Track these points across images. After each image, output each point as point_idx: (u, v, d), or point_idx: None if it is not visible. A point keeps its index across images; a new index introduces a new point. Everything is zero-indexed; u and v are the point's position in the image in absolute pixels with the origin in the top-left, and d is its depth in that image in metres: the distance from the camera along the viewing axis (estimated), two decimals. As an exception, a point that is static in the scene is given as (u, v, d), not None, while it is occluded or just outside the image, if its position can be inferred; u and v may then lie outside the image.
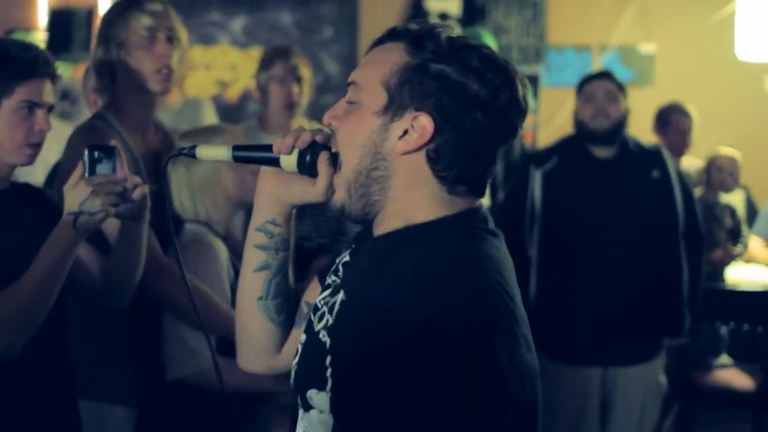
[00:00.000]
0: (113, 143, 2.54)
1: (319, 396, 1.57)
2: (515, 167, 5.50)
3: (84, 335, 2.94)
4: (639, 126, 6.06)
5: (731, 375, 5.52)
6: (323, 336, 1.62)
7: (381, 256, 1.62)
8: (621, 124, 4.27)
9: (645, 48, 7.57)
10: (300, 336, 1.77)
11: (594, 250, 4.22)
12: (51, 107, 2.57)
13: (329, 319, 1.63)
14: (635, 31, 7.53)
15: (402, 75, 1.61)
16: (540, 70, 7.63)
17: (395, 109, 1.62)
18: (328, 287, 1.75)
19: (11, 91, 2.49)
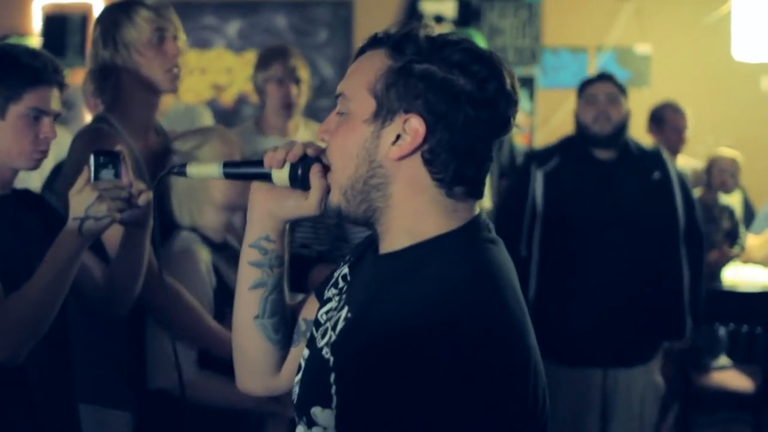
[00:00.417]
0: (118, 148, 2.53)
1: (324, 413, 1.55)
2: (507, 169, 5.50)
3: (83, 340, 2.93)
4: (635, 127, 6.05)
5: (730, 376, 5.52)
6: (326, 353, 1.60)
7: (389, 276, 1.59)
8: (623, 126, 4.28)
9: (640, 49, 7.56)
10: (299, 354, 1.75)
11: (594, 251, 4.21)
12: (57, 115, 2.57)
13: (332, 336, 1.61)
14: (631, 32, 7.52)
15: (387, 79, 1.59)
16: (536, 71, 7.62)
17: (385, 115, 1.59)
18: (328, 300, 1.72)
19: (19, 98, 2.50)
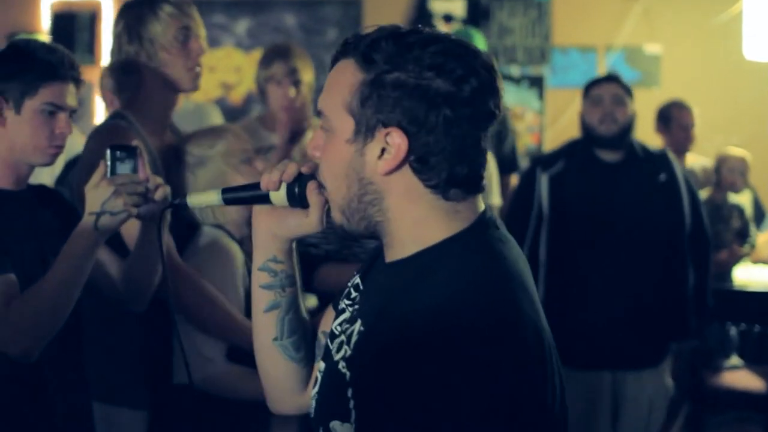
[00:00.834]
0: (135, 143, 2.52)
1: (343, 427, 1.54)
2: (509, 165, 5.48)
3: (96, 338, 2.93)
4: (645, 127, 6.04)
5: (742, 376, 5.50)
6: (342, 367, 1.58)
7: (397, 285, 1.57)
8: (628, 128, 4.28)
9: (650, 48, 7.54)
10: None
11: (601, 254, 4.21)
12: (73, 111, 2.56)
13: (347, 350, 1.60)
14: (640, 32, 7.50)
15: (360, 95, 1.55)
16: (545, 70, 7.60)
17: (365, 132, 1.56)
18: (342, 312, 1.71)
19: (35, 92, 2.50)
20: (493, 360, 1.43)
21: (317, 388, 1.68)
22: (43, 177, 4.39)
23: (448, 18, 7.27)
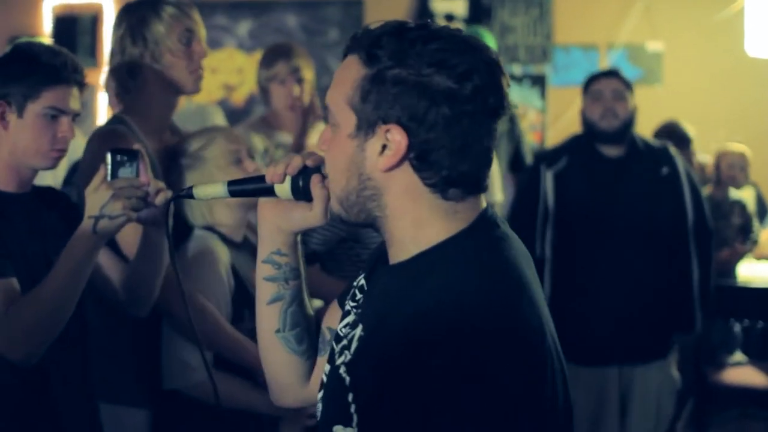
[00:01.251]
0: (136, 147, 2.52)
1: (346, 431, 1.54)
2: (513, 164, 5.49)
3: (101, 338, 2.92)
4: (648, 125, 6.04)
5: (745, 373, 5.50)
6: (343, 372, 1.58)
7: (396, 289, 1.56)
8: (630, 122, 4.28)
9: (652, 46, 7.53)
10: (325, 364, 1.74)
11: (606, 249, 4.22)
12: (76, 115, 2.56)
13: (347, 355, 1.59)
14: (642, 30, 7.49)
15: (362, 90, 1.55)
16: (547, 69, 7.60)
17: (366, 128, 1.56)
18: (348, 313, 1.71)
19: (38, 96, 2.49)
20: (491, 362, 1.42)
21: (322, 392, 1.68)
22: (47, 180, 4.40)
23: (449, 17, 7.28)
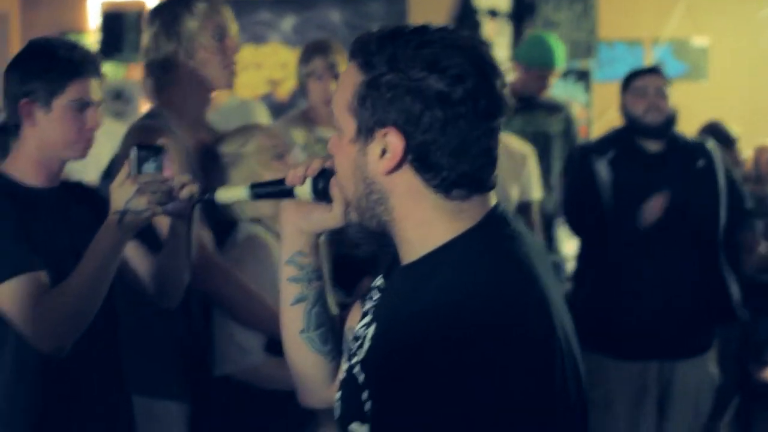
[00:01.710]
0: (161, 142, 2.55)
1: (362, 428, 1.55)
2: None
3: (136, 332, 2.95)
4: (693, 120, 6.00)
5: (790, 370, 5.46)
6: (357, 370, 1.59)
7: (405, 288, 1.57)
8: (673, 119, 4.30)
9: (697, 41, 7.49)
10: None
11: (648, 242, 4.22)
12: (99, 104, 2.60)
13: (362, 354, 1.60)
14: (687, 24, 7.45)
15: (359, 96, 1.56)
16: (591, 64, 7.57)
17: (365, 132, 1.57)
18: (365, 314, 1.72)
19: (63, 90, 2.54)
20: (495, 358, 1.42)
21: (339, 390, 1.69)
22: (89, 174, 4.44)
23: (493, 13, 7.25)
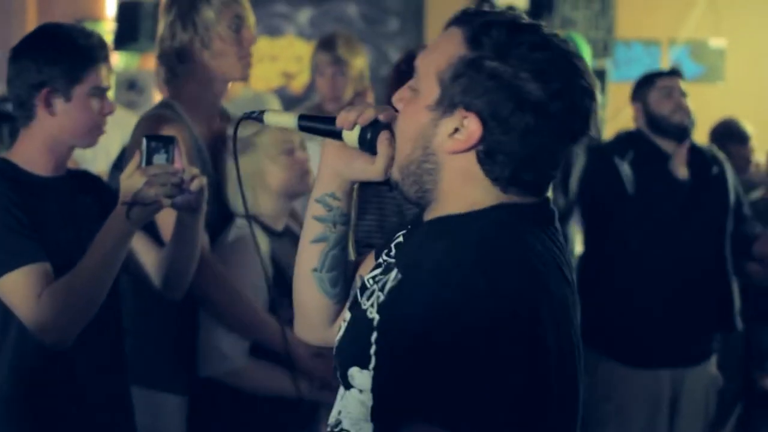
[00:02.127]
0: (172, 133, 2.53)
1: (361, 375, 1.56)
2: None
3: (138, 323, 2.95)
4: (709, 123, 5.96)
5: (796, 378, 5.43)
6: (371, 312, 1.59)
7: (431, 237, 1.59)
8: (694, 121, 4.29)
9: (715, 42, 7.45)
10: None
11: (662, 248, 4.19)
12: (108, 90, 2.60)
13: (380, 296, 1.60)
14: (705, 25, 7.41)
15: (455, 70, 1.55)
16: (608, 64, 7.53)
17: (446, 106, 1.56)
18: (378, 266, 1.72)
19: (82, 78, 2.52)
20: (511, 318, 1.44)
21: (341, 334, 1.69)
22: (99, 164, 4.44)
23: (510, 9, 7.23)
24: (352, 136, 1.72)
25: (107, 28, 7.18)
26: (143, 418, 2.82)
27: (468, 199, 1.58)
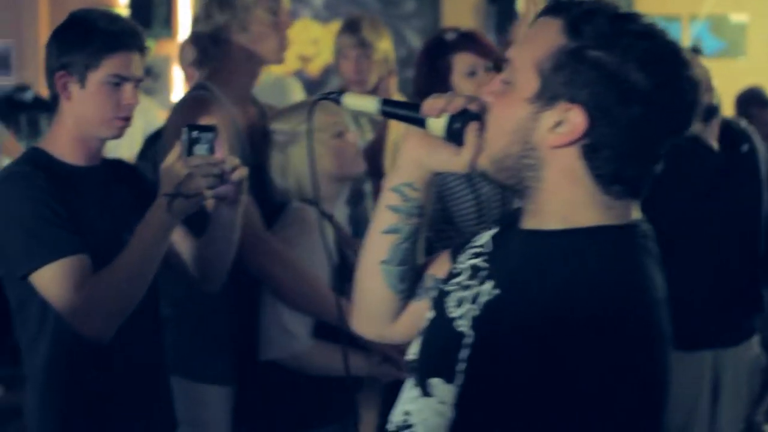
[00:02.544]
0: (215, 121, 2.48)
1: (445, 387, 1.51)
2: None
3: (181, 315, 2.93)
4: (730, 99, 5.91)
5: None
6: (463, 326, 1.54)
7: (540, 255, 1.53)
8: (718, 99, 4.25)
9: (736, 17, 7.37)
10: (418, 309, 1.71)
11: (699, 230, 4.16)
12: (139, 80, 2.51)
13: (473, 310, 1.54)
14: (725, 0, 7.33)
15: (556, 60, 1.48)
16: (627, 41, 7.48)
17: (547, 98, 1.50)
18: (462, 272, 1.65)
19: (98, 64, 2.44)
20: (616, 362, 1.42)
21: (424, 339, 1.64)
22: (122, 152, 4.41)
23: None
24: (438, 124, 1.64)
25: (121, 14, 7.17)
26: (185, 409, 2.79)
27: (571, 204, 1.53)
